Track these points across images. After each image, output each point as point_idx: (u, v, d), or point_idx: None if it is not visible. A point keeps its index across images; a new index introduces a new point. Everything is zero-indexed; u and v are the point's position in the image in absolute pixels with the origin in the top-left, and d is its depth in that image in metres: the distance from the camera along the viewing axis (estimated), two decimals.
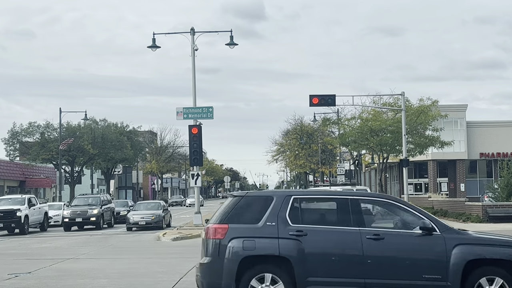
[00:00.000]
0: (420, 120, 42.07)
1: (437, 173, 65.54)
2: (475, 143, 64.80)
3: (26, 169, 68.80)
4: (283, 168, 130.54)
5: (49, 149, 63.88)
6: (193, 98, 37.08)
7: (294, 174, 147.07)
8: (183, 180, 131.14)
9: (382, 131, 43.75)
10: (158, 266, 18.21)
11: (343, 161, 75.27)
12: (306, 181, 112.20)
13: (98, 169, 79.44)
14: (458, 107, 65.09)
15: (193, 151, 35.67)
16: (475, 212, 37.64)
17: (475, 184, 65.14)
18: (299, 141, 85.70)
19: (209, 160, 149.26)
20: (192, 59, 37.11)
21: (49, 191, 77.28)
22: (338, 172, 64.98)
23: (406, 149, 38.45)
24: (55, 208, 45.07)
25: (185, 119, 36.09)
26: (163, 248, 24.87)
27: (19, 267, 18.41)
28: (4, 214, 35.64)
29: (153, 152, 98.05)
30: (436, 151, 56.70)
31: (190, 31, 36.89)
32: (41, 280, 15.64)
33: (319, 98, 35.02)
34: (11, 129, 65.14)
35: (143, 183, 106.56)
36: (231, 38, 37.57)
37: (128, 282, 15.21)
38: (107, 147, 67.20)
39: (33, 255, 22.58)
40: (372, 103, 44.68)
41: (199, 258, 11.02)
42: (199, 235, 30.71)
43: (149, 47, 37.86)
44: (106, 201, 42.35)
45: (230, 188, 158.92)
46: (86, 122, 65.53)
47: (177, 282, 15.02)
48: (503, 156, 61.10)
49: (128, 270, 17.61)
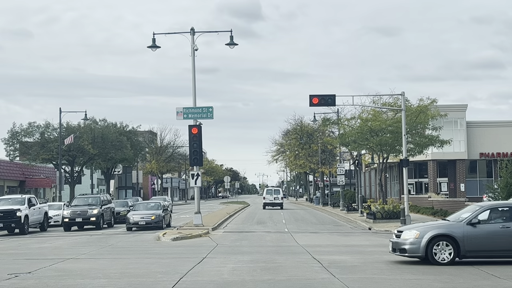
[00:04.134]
0: (420, 119, 42.05)
1: (437, 173, 65.54)
2: (475, 143, 64.81)
3: (26, 169, 68.80)
4: (283, 168, 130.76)
5: (49, 149, 63.86)
6: (193, 98, 37.09)
7: (294, 174, 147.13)
8: (183, 180, 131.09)
9: (382, 131, 43.74)
10: (158, 266, 18.22)
11: (343, 161, 75.24)
12: (306, 181, 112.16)
13: (98, 169, 79.42)
14: (458, 107, 65.10)
15: (193, 151, 35.68)
16: None
17: (475, 184, 65.13)
18: (299, 141, 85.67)
19: (209, 160, 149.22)
20: (192, 59, 37.11)
21: (49, 191, 77.27)
22: (338, 172, 64.89)
23: (406, 149, 38.41)
24: (55, 208, 45.05)
25: (185, 119, 36.10)
26: (163, 248, 24.88)
27: (19, 267, 18.41)
28: (4, 214, 35.63)
29: (153, 152, 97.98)
30: (436, 151, 56.68)
31: (190, 31, 36.89)
32: (41, 280, 15.65)
33: (319, 98, 34.98)
34: (11, 129, 65.14)
35: (143, 183, 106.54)
36: (231, 38, 37.57)
37: (128, 282, 15.23)
38: (107, 147, 67.19)
39: (33, 255, 22.59)
40: (372, 103, 44.65)
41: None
42: (199, 235, 30.76)
43: (149, 47, 37.85)
44: (106, 201, 42.34)
45: (230, 188, 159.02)
46: (86, 122, 65.52)
47: (177, 282, 15.03)
48: (503, 156, 61.07)
49: (128, 270, 17.62)
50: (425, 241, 18.21)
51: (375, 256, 20.86)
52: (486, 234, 18.20)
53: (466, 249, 18.17)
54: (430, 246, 18.21)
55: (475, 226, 18.31)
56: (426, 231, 18.47)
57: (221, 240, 28.79)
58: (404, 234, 18.78)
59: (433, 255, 18.17)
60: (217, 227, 37.51)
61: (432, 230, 18.52)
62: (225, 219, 46.36)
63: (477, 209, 18.92)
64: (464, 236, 18.17)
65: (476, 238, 18.16)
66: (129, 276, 16.33)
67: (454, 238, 18.19)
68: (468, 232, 18.19)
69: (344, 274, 16.34)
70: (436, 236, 18.29)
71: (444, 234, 18.32)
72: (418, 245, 18.27)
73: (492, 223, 18.47)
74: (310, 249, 23.51)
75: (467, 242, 18.14)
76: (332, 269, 17.21)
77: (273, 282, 15.15)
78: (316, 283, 14.92)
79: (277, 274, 16.52)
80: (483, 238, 18.17)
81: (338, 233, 33.81)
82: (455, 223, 18.71)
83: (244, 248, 24.55)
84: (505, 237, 18.13)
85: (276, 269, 17.43)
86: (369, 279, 15.63)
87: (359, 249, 23.85)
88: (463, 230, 18.25)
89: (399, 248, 18.67)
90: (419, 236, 18.40)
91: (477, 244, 18.16)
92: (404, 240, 18.57)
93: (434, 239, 18.25)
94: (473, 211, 18.91)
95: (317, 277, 16.00)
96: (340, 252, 22.46)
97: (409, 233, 18.66)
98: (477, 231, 18.25)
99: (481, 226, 18.34)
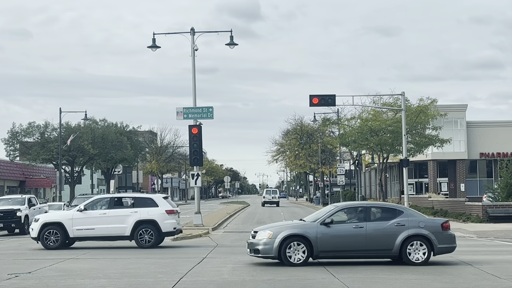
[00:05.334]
0: (420, 119, 42.07)
1: (437, 173, 65.55)
2: (475, 143, 64.82)
3: (26, 169, 68.81)
4: (283, 168, 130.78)
5: (49, 149, 63.87)
6: (193, 98, 37.08)
7: (294, 174, 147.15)
8: (183, 180, 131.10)
9: (382, 131, 43.75)
10: (158, 266, 18.22)
11: (343, 161, 75.31)
12: (306, 181, 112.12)
13: (98, 169, 79.44)
14: (458, 107, 65.12)
15: (193, 151, 35.67)
16: (475, 212, 37.65)
17: (475, 184, 65.16)
18: (299, 141, 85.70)
19: (209, 160, 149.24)
20: (192, 59, 37.10)
21: (49, 191, 77.29)
22: (338, 172, 64.97)
23: (406, 149, 38.44)
24: (55, 208, 44.87)
25: (185, 119, 36.09)
26: (163, 248, 24.85)
27: (19, 267, 18.40)
28: (4, 214, 35.60)
29: (153, 152, 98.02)
30: (436, 151, 56.71)
31: (190, 31, 36.88)
32: (41, 280, 15.65)
33: (319, 98, 35.02)
34: (10, 129, 65.14)
35: (143, 183, 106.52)
36: (231, 38, 37.56)
37: (128, 282, 15.23)
38: (107, 147, 67.20)
39: (33, 255, 22.57)
40: (372, 103, 44.69)
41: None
42: (199, 235, 30.74)
43: (149, 47, 37.85)
44: None
45: (230, 188, 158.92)
46: (86, 122, 65.52)
47: (177, 282, 15.03)
48: (503, 156, 61.13)
49: (128, 270, 17.62)
50: (278, 242, 17.82)
51: None
52: (339, 234, 18.00)
53: (319, 249, 17.93)
54: (284, 247, 17.85)
55: (328, 226, 18.04)
56: (280, 231, 18.07)
57: (221, 240, 28.78)
58: (258, 234, 18.29)
59: (286, 256, 17.84)
60: (217, 227, 37.50)
61: (286, 230, 18.14)
62: (225, 219, 46.35)
63: (332, 209, 18.77)
64: (317, 236, 17.90)
65: (329, 238, 17.93)
66: (129, 276, 16.33)
67: (307, 238, 17.90)
68: (321, 232, 17.93)
69: (344, 274, 16.32)
70: (289, 236, 17.93)
71: (297, 234, 17.98)
72: (271, 245, 17.87)
73: (345, 223, 18.32)
74: None
75: (320, 243, 17.88)
76: (332, 269, 17.20)
77: (273, 282, 15.14)
78: (316, 283, 14.92)
79: (277, 274, 16.51)
80: (336, 238, 17.95)
81: None
82: (309, 223, 18.40)
83: (244, 248, 24.46)
84: (358, 237, 17.99)
85: (276, 269, 17.43)
86: (369, 279, 15.62)
87: None
88: (316, 231, 17.97)
89: (253, 248, 18.24)
90: (272, 236, 17.98)
91: (331, 244, 17.92)
92: (258, 241, 18.12)
93: (287, 240, 17.89)
94: (328, 211, 18.69)
95: (317, 277, 15.99)
96: None
97: (263, 234, 18.18)
98: (330, 231, 18.00)
99: (335, 226, 18.09)
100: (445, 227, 18.30)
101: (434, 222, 18.80)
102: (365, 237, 17.96)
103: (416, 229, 18.00)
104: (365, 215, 18.36)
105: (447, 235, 18.29)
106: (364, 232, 17.98)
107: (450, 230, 18.54)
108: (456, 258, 19.62)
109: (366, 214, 18.35)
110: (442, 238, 18.13)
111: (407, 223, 18.07)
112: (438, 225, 18.37)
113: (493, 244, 26.01)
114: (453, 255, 19.70)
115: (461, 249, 23.01)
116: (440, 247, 18.11)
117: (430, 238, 17.97)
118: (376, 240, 17.95)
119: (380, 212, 18.66)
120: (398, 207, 19.36)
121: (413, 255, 17.96)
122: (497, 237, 28.24)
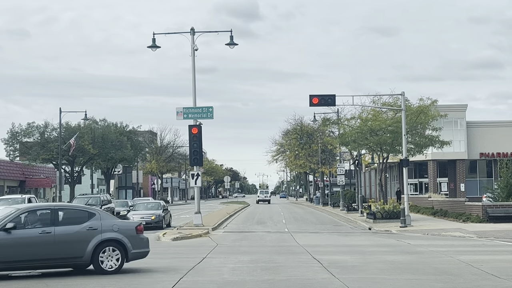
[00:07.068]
0: (420, 120, 42.04)
1: (437, 173, 65.55)
2: (475, 143, 64.81)
3: (26, 169, 68.82)
4: (283, 168, 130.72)
5: (49, 149, 63.89)
6: (193, 98, 37.08)
7: (294, 174, 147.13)
8: (183, 180, 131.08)
9: (382, 130, 43.74)
10: (158, 266, 18.22)
11: (343, 161, 75.23)
12: (306, 181, 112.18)
13: (98, 169, 79.45)
14: (458, 107, 65.11)
15: (193, 151, 35.68)
16: (475, 212, 37.63)
17: (475, 184, 65.15)
18: (299, 141, 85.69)
19: (209, 160, 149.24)
20: (192, 59, 37.10)
21: (49, 191, 77.28)
22: (338, 172, 64.91)
23: (406, 149, 38.43)
24: None
25: (185, 119, 36.10)
26: (163, 248, 24.87)
27: None
28: None
29: (153, 152, 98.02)
30: (436, 151, 56.67)
31: (190, 31, 36.88)
32: (41, 280, 15.64)
33: (319, 98, 35.01)
34: (10, 129, 65.18)
35: (143, 183, 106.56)
36: (231, 38, 37.57)
37: (128, 282, 15.23)
38: (107, 147, 67.22)
39: None
40: (372, 103, 44.65)
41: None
42: (199, 235, 30.77)
43: (149, 47, 37.85)
44: (106, 201, 42.34)
45: (230, 188, 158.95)
46: (86, 122, 65.55)
47: (177, 282, 15.03)
48: (503, 156, 61.13)
49: (127, 270, 17.61)
50: None
51: (375, 256, 20.85)
52: (23, 241, 15.66)
53: None
54: None
55: (9, 232, 15.60)
56: None
57: (221, 240, 28.80)
58: None
59: None
60: (217, 227, 37.51)
61: None
62: (225, 219, 46.37)
63: (13, 212, 16.18)
64: None
65: (11, 246, 15.50)
66: (129, 276, 16.33)
67: None
68: (1, 240, 15.48)
69: (344, 274, 16.33)
70: None
71: None
72: None
73: (31, 228, 15.99)
74: (310, 249, 23.50)
75: None
76: (332, 269, 17.20)
77: (273, 282, 15.14)
78: (316, 283, 14.92)
79: (277, 274, 16.52)
80: (20, 246, 15.58)
81: (338, 233, 33.81)
82: None
83: (244, 248, 24.57)
84: (46, 244, 15.85)
85: (276, 269, 17.43)
86: (369, 279, 15.62)
87: (359, 249, 23.85)
88: None
89: None
90: None
91: (14, 253, 15.51)
92: None
93: None
94: (8, 214, 16.09)
95: (317, 277, 15.99)
96: (340, 252, 22.46)
97: None
98: (12, 238, 15.58)
99: (17, 232, 15.67)
100: (139, 230, 17.05)
101: (128, 225, 17.53)
102: (54, 243, 15.92)
103: (109, 233, 16.49)
104: (54, 218, 16.25)
105: (140, 239, 17.04)
106: (52, 239, 15.92)
107: (143, 234, 17.29)
108: (456, 258, 19.62)
109: (54, 217, 16.23)
110: (136, 242, 16.85)
111: (100, 227, 16.48)
112: (132, 228, 17.02)
113: (493, 244, 25.99)
114: (453, 255, 19.71)
115: (461, 249, 23.05)
116: (134, 253, 16.80)
117: (124, 243, 16.58)
118: (66, 246, 16.03)
119: (71, 215, 16.66)
120: (90, 209, 17.51)
121: (106, 263, 16.50)
122: (497, 237, 28.23)
